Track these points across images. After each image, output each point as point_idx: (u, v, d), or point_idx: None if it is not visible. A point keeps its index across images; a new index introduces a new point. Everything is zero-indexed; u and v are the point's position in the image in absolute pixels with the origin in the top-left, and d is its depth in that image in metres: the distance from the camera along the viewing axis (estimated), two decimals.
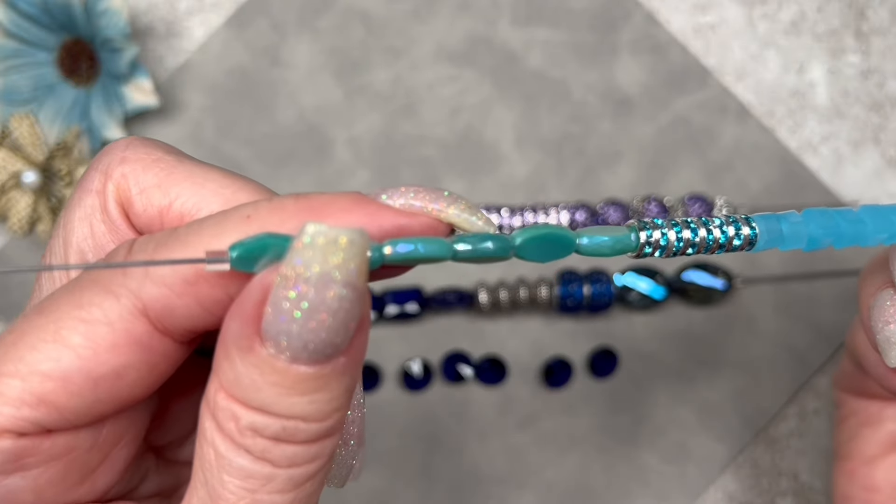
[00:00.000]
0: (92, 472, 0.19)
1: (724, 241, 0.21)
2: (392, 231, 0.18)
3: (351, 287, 0.16)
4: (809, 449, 0.39)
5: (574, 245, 0.19)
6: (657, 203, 0.39)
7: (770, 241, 0.21)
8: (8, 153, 0.37)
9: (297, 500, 0.17)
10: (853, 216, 0.22)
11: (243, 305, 0.16)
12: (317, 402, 0.17)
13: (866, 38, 0.41)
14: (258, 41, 0.40)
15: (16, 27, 0.37)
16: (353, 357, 0.17)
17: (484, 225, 0.19)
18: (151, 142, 0.20)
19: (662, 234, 0.20)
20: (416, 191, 0.19)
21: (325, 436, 0.17)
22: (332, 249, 0.16)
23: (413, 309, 0.38)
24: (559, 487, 0.38)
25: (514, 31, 0.40)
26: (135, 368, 0.18)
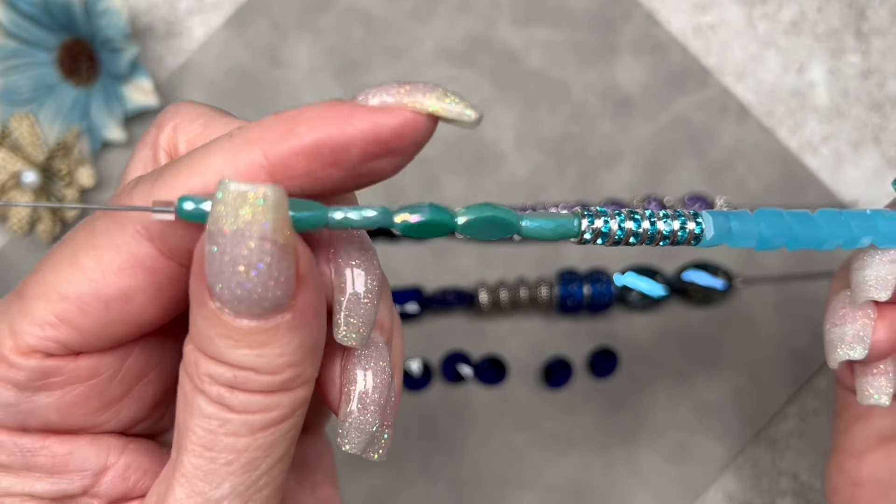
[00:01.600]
0: (116, 402, 0.20)
1: (668, 233, 0.21)
2: (370, 129, 0.18)
3: (269, 242, 0.17)
4: (809, 449, 0.39)
5: (517, 227, 0.20)
6: (657, 203, 0.39)
7: (717, 237, 0.21)
8: (8, 153, 0.37)
9: (254, 446, 0.18)
10: (808, 220, 0.22)
11: (195, 260, 0.17)
12: (265, 355, 0.18)
13: (866, 38, 0.41)
14: (258, 41, 0.40)
15: (16, 27, 0.37)
16: (299, 315, 0.18)
17: (464, 108, 0.19)
18: (200, 103, 0.21)
19: (605, 222, 0.20)
20: (389, 85, 0.18)
21: (281, 388, 0.18)
22: (241, 203, 0.16)
23: (413, 309, 0.38)
24: (559, 487, 0.38)
25: (514, 31, 0.40)
26: (142, 291, 0.19)
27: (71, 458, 0.20)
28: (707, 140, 0.40)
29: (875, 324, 0.25)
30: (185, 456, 0.18)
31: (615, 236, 0.21)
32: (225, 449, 0.18)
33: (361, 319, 0.20)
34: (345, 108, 0.18)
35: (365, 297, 0.20)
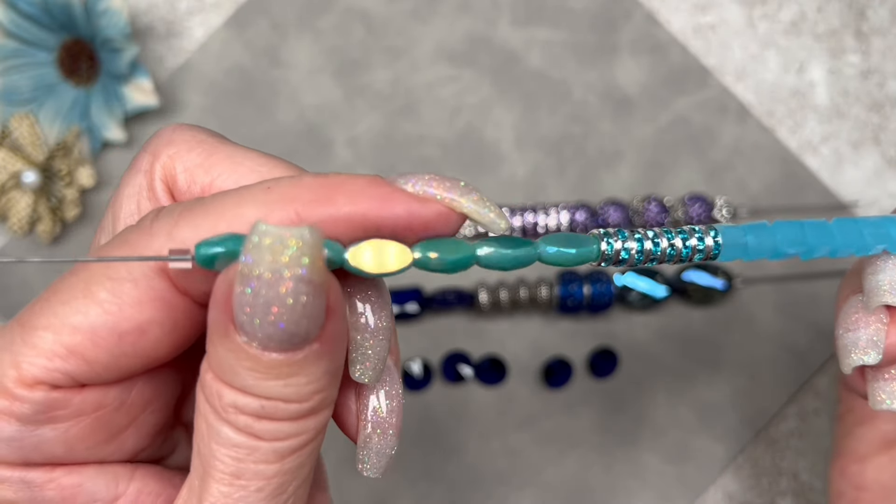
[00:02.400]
0: (121, 433, 0.20)
1: (685, 251, 0.21)
2: (403, 216, 0.19)
3: (304, 282, 0.17)
4: (809, 449, 0.39)
5: (536, 255, 0.20)
6: (657, 203, 0.39)
7: (733, 253, 0.22)
8: (8, 153, 0.37)
9: (283, 471, 0.18)
10: (823, 229, 0.22)
11: (216, 294, 0.17)
12: (293, 385, 0.18)
13: (866, 38, 0.41)
14: (258, 41, 0.40)
15: (16, 27, 0.37)
16: (327, 343, 0.18)
17: (496, 217, 0.19)
18: (196, 127, 0.21)
19: (624, 247, 0.21)
20: (431, 178, 0.19)
21: (309, 414, 0.18)
22: (280, 248, 0.16)
23: (413, 309, 0.38)
24: (559, 487, 0.38)
25: (514, 31, 0.40)
26: (157, 324, 0.19)
27: (80, 489, 0.20)
28: (707, 140, 0.40)
29: (889, 328, 0.24)
30: (214, 484, 0.18)
31: (635, 259, 0.21)
32: (255, 476, 0.18)
33: (377, 357, 0.20)
34: (385, 189, 0.19)
35: (380, 334, 0.20)
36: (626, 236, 0.21)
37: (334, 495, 0.38)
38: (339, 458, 0.38)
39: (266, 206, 0.18)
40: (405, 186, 0.19)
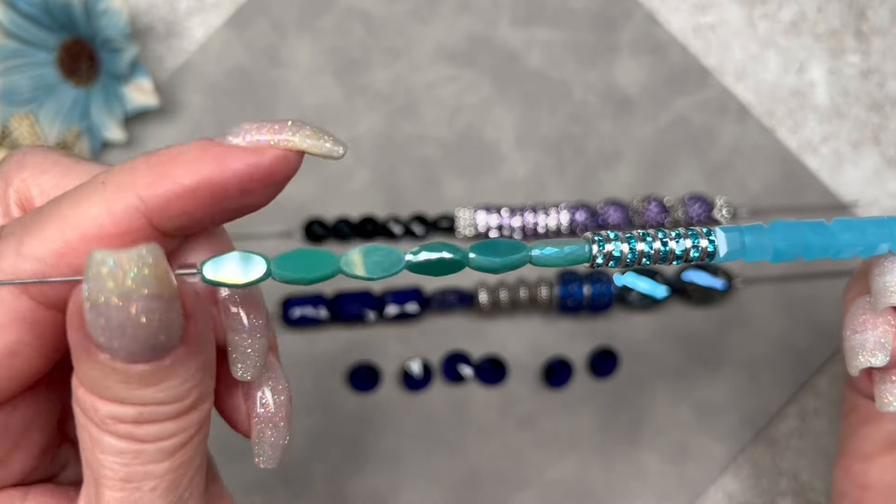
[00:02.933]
0: (7, 457, 0.20)
1: (680, 252, 0.21)
2: (244, 170, 0.19)
3: (153, 299, 0.17)
4: (809, 449, 0.39)
5: (526, 258, 0.20)
6: (657, 203, 0.39)
7: (731, 253, 0.22)
8: (8, 153, 0.37)
9: (174, 468, 0.19)
10: (824, 229, 0.22)
11: (71, 318, 0.17)
12: (167, 388, 0.18)
13: (866, 38, 0.41)
14: (258, 41, 0.40)
15: (16, 27, 0.37)
16: (191, 345, 0.18)
17: (332, 146, 0.19)
18: (49, 149, 0.21)
19: (616, 245, 0.21)
20: (260, 125, 0.19)
21: (189, 410, 0.18)
22: (120, 273, 0.16)
23: (413, 309, 0.38)
24: (559, 487, 0.38)
25: (514, 31, 0.40)
26: (27, 344, 0.19)
27: None
28: (707, 140, 0.40)
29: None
30: (107, 492, 0.18)
31: (627, 259, 0.21)
32: (146, 477, 0.18)
33: (256, 355, 0.21)
34: (218, 149, 0.19)
35: (257, 332, 0.21)
36: (617, 236, 0.21)
37: (335, 494, 0.38)
38: (338, 458, 0.38)
39: (104, 200, 0.18)
40: (237, 141, 0.19)
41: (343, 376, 0.38)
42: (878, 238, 0.22)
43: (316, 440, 0.38)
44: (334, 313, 0.38)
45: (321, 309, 0.38)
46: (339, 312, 0.38)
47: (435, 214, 0.39)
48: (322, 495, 0.38)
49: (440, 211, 0.39)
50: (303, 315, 0.38)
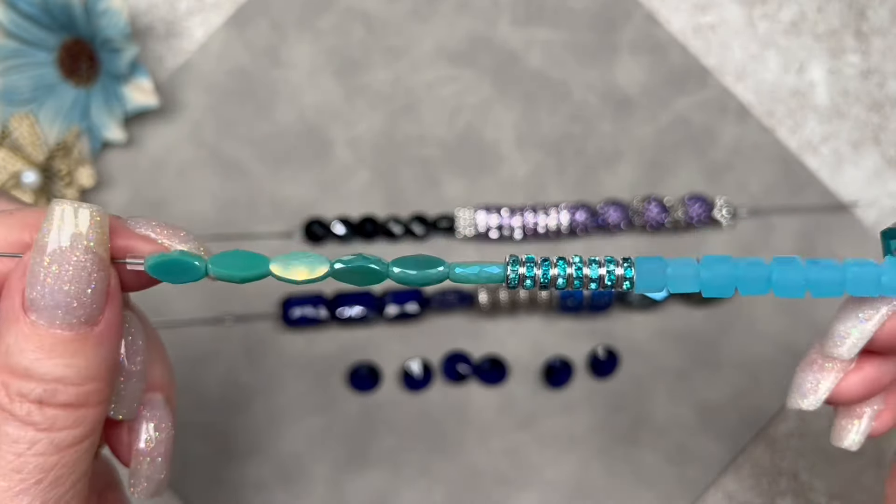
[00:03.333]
0: None
1: (595, 277, 0.22)
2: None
3: (91, 252, 0.20)
4: (809, 449, 0.39)
5: (444, 274, 0.22)
6: (657, 203, 0.39)
7: (652, 282, 0.22)
8: (8, 153, 0.37)
9: (62, 464, 0.20)
10: (757, 266, 0.22)
11: (11, 283, 0.20)
12: (73, 366, 0.20)
13: (866, 39, 0.41)
14: (258, 41, 0.40)
15: (16, 27, 0.37)
16: (105, 329, 0.20)
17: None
18: None
19: (529, 269, 0.22)
20: (157, 226, 0.22)
21: (84, 404, 0.20)
22: (73, 221, 0.20)
23: (413, 309, 0.38)
24: (559, 487, 0.38)
25: (514, 31, 0.40)
26: None
27: None
28: (707, 140, 0.40)
29: (850, 374, 0.24)
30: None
31: (540, 281, 0.22)
32: (34, 469, 0.20)
33: (129, 397, 0.23)
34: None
35: (133, 377, 0.23)
36: (533, 260, 0.22)
37: (335, 494, 0.38)
38: (338, 458, 0.38)
39: (8, 227, 0.21)
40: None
41: (343, 376, 0.38)
42: (823, 278, 0.22)
43: (316, 440, 0.38)
44: (333, 313, 0.38)
45: (321, 309, 0.38)
46: (338, 313, 0.38)
47: (435, 214, 0.39)
48: (322, 495, 0.38)
49: (440, 211, 0.39)
50: (303, 315, 0.38)
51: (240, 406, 0.38)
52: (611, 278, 0.22)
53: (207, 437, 0.38)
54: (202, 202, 0.39)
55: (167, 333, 0.38)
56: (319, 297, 0.38)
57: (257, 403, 0.38)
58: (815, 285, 0.22)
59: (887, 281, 0.22)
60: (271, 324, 0.39)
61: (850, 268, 0.22)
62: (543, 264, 0.22)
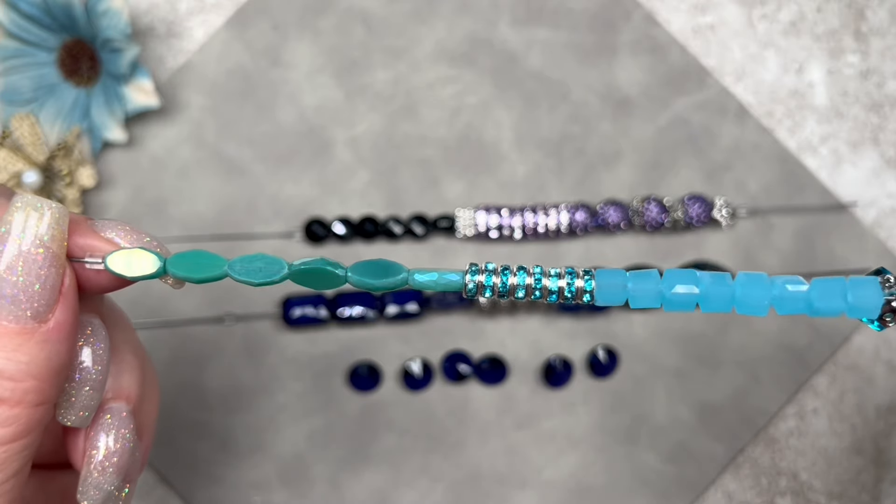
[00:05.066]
0: None
1: (554, 289, 0.22)
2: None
3: (45, 247, 0.20)
4: (809, 448, 0.39)
5: (407, 281, 0.22)
6: (657, 203, 0.39)
7: (612, 296, 0.22)
8: (9, 153, 0.37)
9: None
10: (722, 286, 0.22)
11: None
12: (13, 360, 0.19)
13: (865, 39, 0.41)
14: (259, 42, 0.40)
15: (16, 27, 0.38)
16: (54, 328, 0.20)
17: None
18: None
19: (488, 277, 0.22)
20: (127, 230, 0.22)
21: (19, 402, 0.20)
22: (33, 213, 0.20)
23: (413, 308, 0.38)
24: (559, 486, 0.38)
25: (514, 32, 0.40)
26: None
27: None
28: (706, 140, 0.40)
29: None
30: None
31: (499, 290, 0.22)
32: None
33: (80, 405, 0.22)
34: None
35: (87, 384, 0.22)
36: (493, 269, 0.22)
37: (335, 493, 0.38)
38: (338, 457, 0.38)
39: None
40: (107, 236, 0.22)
41: (343, 376, 0.39)
42: (768, 300, 0.22)
43: (316, 439, 0.38)
44: (334, 313, 0.38)
45: (321, 309, 0.38)
46: (338, 313, 0.38)
47: (435, 214, 0.39)
48: (322, 493, 0.38)
49: (440, 211, 0.39)
50: (303, 315, 0.38)
51: (240, 405, 0.38)
52: (570, 290, 0.22)
53: (208, 436, 0.38)
54: (203, 202, 0.39)
55: (168, 333, 0.38)
56: (320, 297, 0.38)
57: (258, 403, 0.38)
58: (779, 302, 0.22)
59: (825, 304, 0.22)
60: (272, 323, 0.39)
61: (816, 285, 0.22)
62: (503, 273, 0.22)
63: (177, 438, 0.38)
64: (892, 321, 0.22)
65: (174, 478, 0.38)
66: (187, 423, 0.38)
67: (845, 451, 0.39)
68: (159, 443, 0.32)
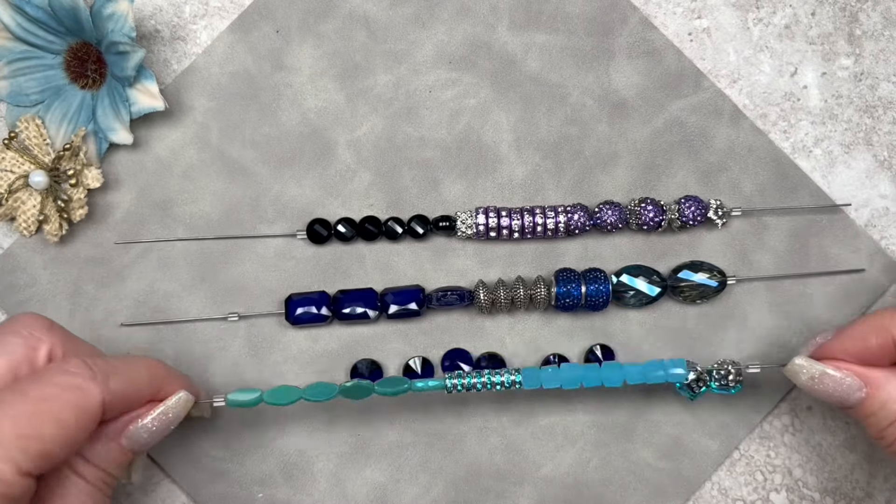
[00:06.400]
0: None
1: (497, 381, 0.36)
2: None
3: (173, 418, 0.34)
4: (803, 445, 0.39)
5: (409, 389, 0.36)
6: (653, 204, 0.39)
7: (533, 383, 0.36)
8: (16, 155, 0.37)
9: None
10: (594, 371, 0.36)
11: (119, 425, 0.33)
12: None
13: (859, 42, 0.41)
14: (262, 45, 0.40)
15: (23, 31, 0.38)
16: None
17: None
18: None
19: (467, 379, 0.36)
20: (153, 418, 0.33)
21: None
22: (179, 406, 0.34)
23: (414, 308, 0.38)
24: (556, 482, 0.39)
25: (513, 36, 0.40)
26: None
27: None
28: (702, 142, 0.40)
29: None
30: None
31: (466, 386, 0.36)
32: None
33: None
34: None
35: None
36: (462, 374, 0.36)
37: (337, 489, 0.39)
38: (339, 453, 0.38)
39: (142, 378, 0.33)
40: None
41: (346, 373, 0.39)
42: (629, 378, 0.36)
43: (318, 435, 0.38)
44: (336, 312, 0.38)
45: (324, 307, 0.38)
46: (340, 311, 0.38)
47: (435, 215, 0.39)
48: (324, 489, 0.38)
49: (440, 212, 0.39)
50: (306, 313, 0.38)
51: None
52: (507, 382, 0.35)
53: (212, 433, 0.38)
54: (207, 203, 0.39)
55: (173, 332, 0.39)
56: (323, 296, 0.38)
57: None
58: (630, 376, 0.36)
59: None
60: (275, 322, 0.39)
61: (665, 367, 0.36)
62: (468, 376, 0.36)
63: (181, 435, 0.38)
64: (696, 391, 0.36)
65: (178, 474, 0.38)
66: (192, 420, 0.38)
67: (839, 448, 0.40)
68: (163, 440, 0.33)
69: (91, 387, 0.30)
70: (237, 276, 0.39)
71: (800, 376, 0.34)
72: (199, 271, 0.39)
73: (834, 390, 0.33)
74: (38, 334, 0.31)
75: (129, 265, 0.39)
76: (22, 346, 0.31)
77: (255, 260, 0.39)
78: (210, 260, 0.39)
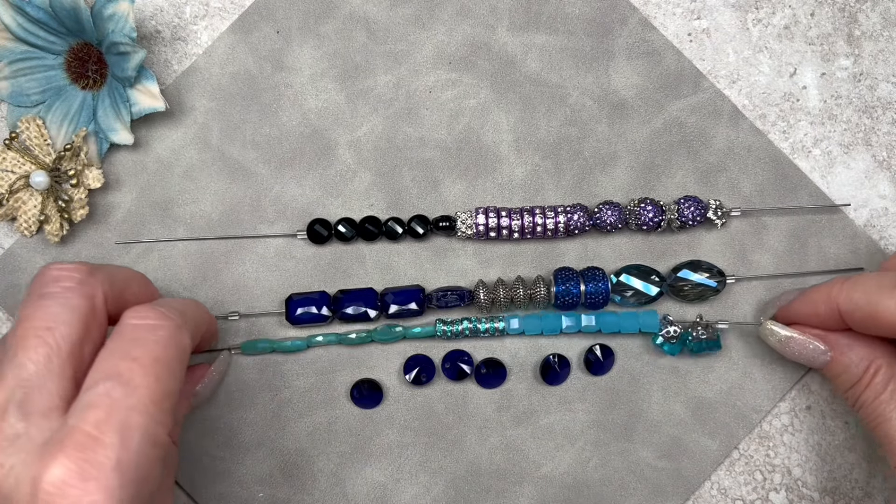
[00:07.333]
0: None
1: (482, 330, 0.38)
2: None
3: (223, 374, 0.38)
4: (802, 445, 0.39)
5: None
6: (652, 204, 0.39)
7: (516, 330, 0.39)
8: (17, 155, 0.37)
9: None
10: (576, 321, 0.37)
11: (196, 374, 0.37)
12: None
13: (858, 43, 0.41)
14: (262, 46, 0.40)
15: (24, 31, 0.38)
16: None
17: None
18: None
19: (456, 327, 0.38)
20: None
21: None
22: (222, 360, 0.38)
23: (414, 307, 0.38)
24: (556, 482, 0.39)
25: (513, 37, 0.41)
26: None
27: None
28: (701, 142, 0.40)
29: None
30: None
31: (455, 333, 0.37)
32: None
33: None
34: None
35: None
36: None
37: (337, 488, 0.39)
38: (340, 452, 0.38)
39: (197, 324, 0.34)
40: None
41: (345, 373, 0.39)
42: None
43: (319, 435, 0.39)
44: (336, 312, 0.38)
45: (324, 307, 0.38)
46: (341, 311, 0.38)
47: (435, 216, 0.39)
48: (324, 489, 0.38)
49: (440, 212, 0.39)
50: (306, 313, 0.38)
51: (244, 401, 0.38)
52: (492, 329, 0.38)
53: (212, 432, 0.38)
54: (208, 203, 0.39)
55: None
56: (323, 296, 0.38)
57: (261, 399, 0.39)
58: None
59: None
60: (276, 321, 0.39)
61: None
62: (456, 324, 0.38)
63: (182, 434, 0.38)
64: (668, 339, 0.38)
65: (179, 474, 0.38)
66: (192, 419, 0.38)
67: (838, 448, 0.40)
68: None
69: (183, 336, 0.30)
70: (238, 276, 0.39)
71: (769, 338, 0.37)
72: (199, 271, 0.39)
73: (800, 353, 0.36)
74: (87, 279, 0.31)
75: (129, 265, 0.39)
76: (80, 295, 0.30)
77: (255, 260, 0.39)
78: (210, 260, 0.39)
